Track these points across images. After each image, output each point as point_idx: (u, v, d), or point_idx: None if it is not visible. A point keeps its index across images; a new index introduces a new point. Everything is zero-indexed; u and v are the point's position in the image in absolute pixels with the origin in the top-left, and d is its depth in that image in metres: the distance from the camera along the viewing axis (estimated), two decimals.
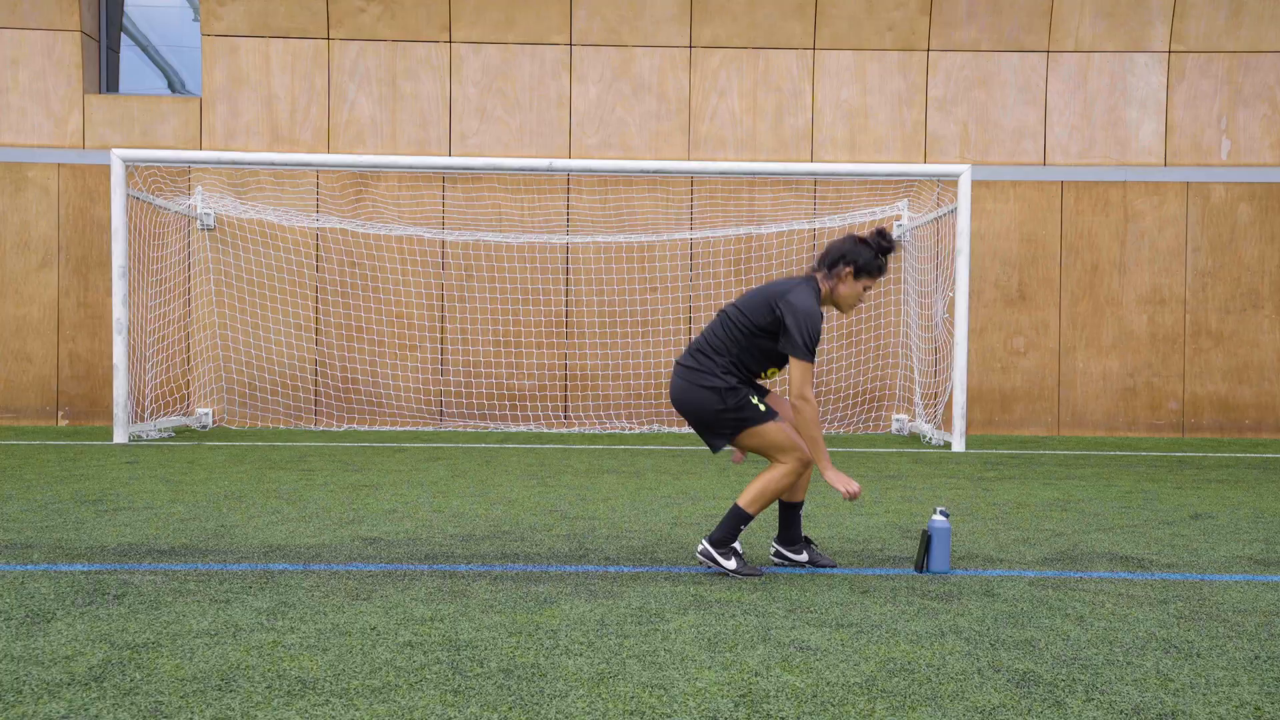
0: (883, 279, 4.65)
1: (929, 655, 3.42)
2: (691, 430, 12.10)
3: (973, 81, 13.03)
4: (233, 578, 4.43)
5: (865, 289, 4.68)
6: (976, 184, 12.50)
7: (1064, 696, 3.03)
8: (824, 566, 4.83)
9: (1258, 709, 2.95)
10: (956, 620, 3.87)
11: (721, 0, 12.87)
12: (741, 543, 4.79)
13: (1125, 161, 13.02)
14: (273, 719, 2.77)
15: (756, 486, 4.57)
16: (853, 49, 12.99)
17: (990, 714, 2.88)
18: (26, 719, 2.75)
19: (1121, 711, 2.91)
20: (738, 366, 4.59)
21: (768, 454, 4.60)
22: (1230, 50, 12.97)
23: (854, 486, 4.45)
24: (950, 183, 11.97)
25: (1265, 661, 3.40)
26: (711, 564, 4.62)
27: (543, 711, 2.86)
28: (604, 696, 2.99)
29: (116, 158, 10.62)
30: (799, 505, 4.82)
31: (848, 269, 4.62)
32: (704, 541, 4.65)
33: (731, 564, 4.61)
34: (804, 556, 4.84)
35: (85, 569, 4.56)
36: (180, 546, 5.10)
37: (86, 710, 2.81)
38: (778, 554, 4.87)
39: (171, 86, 13.82)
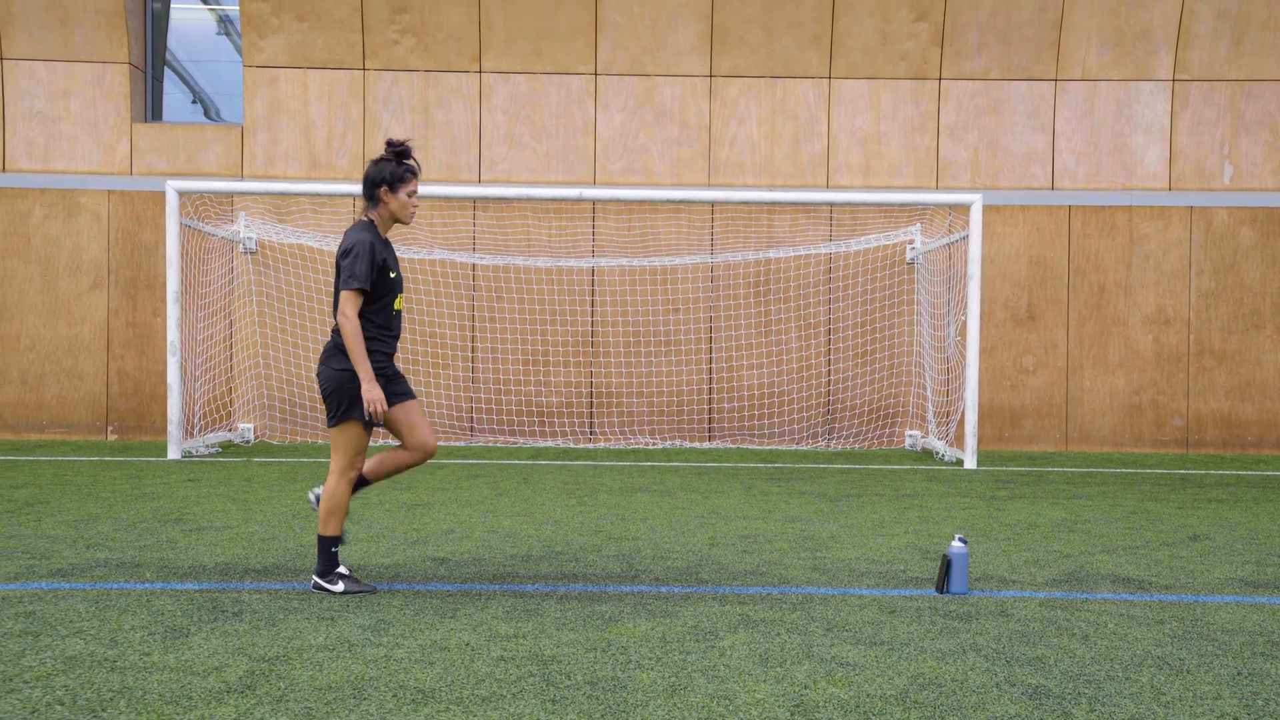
0: (420, 173, 5.19)
1: (953, 671, 3.95)
2: (714, 447, 12.63)
3: (983, 109, 13.55)
4: (329, 597, 4.97)
5: (410, 194, 5.17)
6: (986, 209, 13.05)
7: (1070, 708, 3.56)
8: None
9: (1235, 719, 3.48)
10: (976, 639, 4.40)
11: (741, 32, 13.41)
12: (345, 566, 5.22)
13: (1131, 186, 13.53)
14: None
15: (323, 509, 5.06)
16: (867, 78, 13.52)
17: None
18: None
19: None
20: (371, 340, 5.03)
21: (333, 453, 5.07)
22: (1232, 79, 13.48)
23: (379, 408, 4.91)
24: (962, 209, 12.49)
25: (1247, 678, 3.93)
26: (324, 592, 5.06)
27: (630, 717, 3.39)
28: (679, 705, 3.53)
29: (171, 189, 11.19)
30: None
31: (383, 189, 5.15)
32: (314, 576, 5.12)
33: (340, 587, 5.06)
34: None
35: (196, 587, 5.11)
36: (272, 566, 5.65)
37: (252, 714, 3.37)
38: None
39: (205, 111, 14.42)
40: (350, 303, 4.92)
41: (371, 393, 4.90)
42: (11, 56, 13.13)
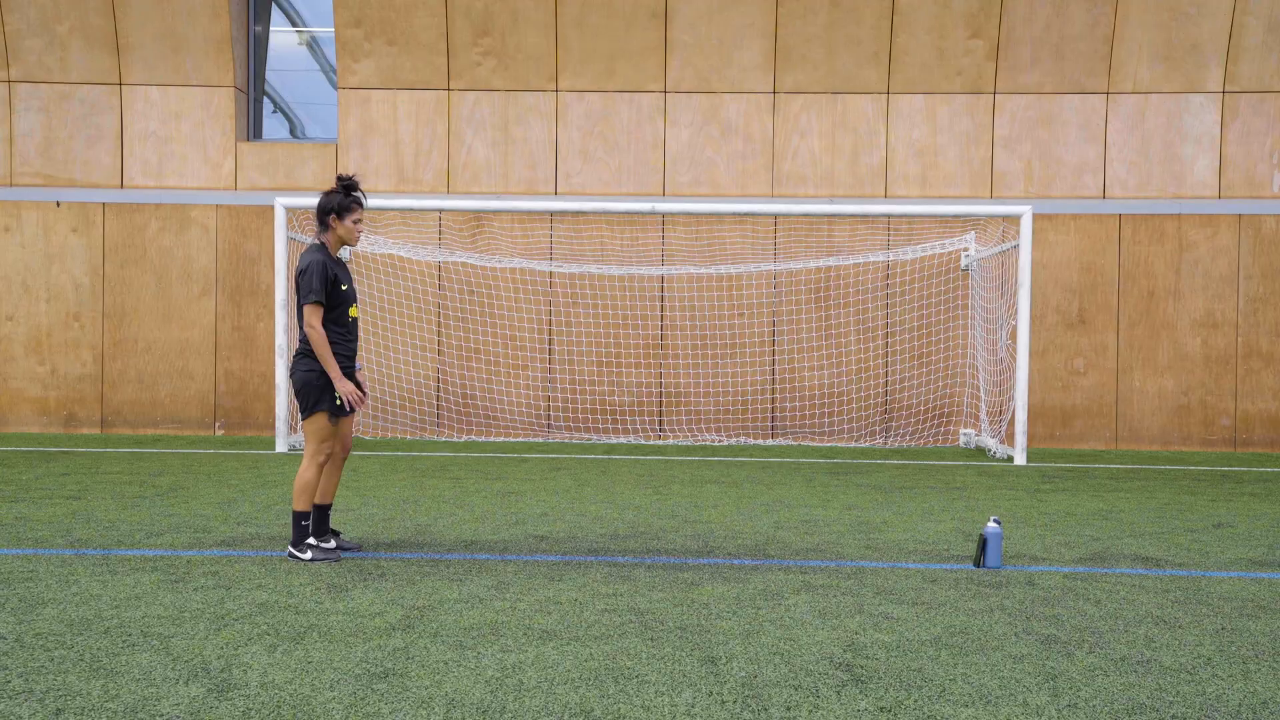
0: (366, 205, 6.00)
1: (980, 623, 4.73)
2: (777, 443, 13.38)
3: (1036, 121, 14.17)
4: (453, 565, 5.88)
5: (356, 222, 6.01)
6: (1039, 217, 13.68)
7: (1074, 650, 4.33)
8: (350, 550, 6.10)
9: (1209, 659, 4.23)
10: (1003, 601, 5.17)
11: (803, 50, 14.18)
12: (314, 537, 6.06)
13: (1181, 195, 14.06)
14: (539, 651, 4.19)
15: (296, 487, 5.88)
16: (924, 93, 14.21)
17: (1020, 660, 4.20)
18: (386, 647, 4.20)
19: (1112, 659, 4.21)
20: (333, 344, 5.85)
21: (306, 441, 5.89)
22: None
23: (355, 398, 5.82)
24: (1013, 219, 13.13)
25: (1228, 632, 4.66)
26: (297, 559, 5.88)
27: (715, 652, 4.24)
28: (754, 644, 4.36)
29: (279, 205, 12.26)
30: (328, 507, 6.13)
31: (332, 216, 5.97)
32: (289, 546, 5.95)
33: (309, 555, 5.88)
34: (332, 544, 6.02)
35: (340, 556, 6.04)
36: (398, 541, 6.58)
37: (416, 644, 4.27)
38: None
39: (292, 128, 15.56)
40: (313, 314, 5.79)
41: (344, 386, 5.83)
42: (130, 82, 14.33)
